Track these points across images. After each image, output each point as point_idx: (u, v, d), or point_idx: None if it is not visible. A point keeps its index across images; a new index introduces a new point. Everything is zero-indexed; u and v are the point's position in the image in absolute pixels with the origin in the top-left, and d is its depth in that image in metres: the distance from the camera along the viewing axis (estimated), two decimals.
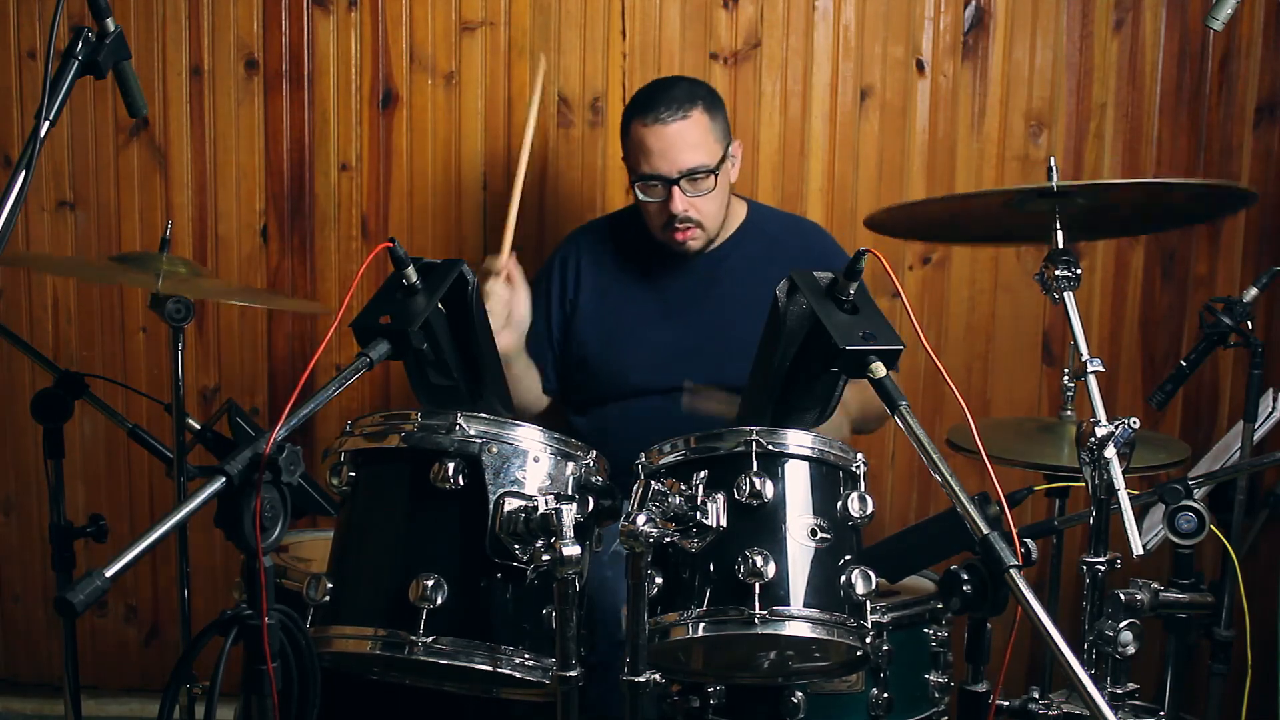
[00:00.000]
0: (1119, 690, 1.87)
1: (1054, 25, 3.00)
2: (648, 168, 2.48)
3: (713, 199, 2.51)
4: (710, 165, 2.47)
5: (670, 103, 2.47)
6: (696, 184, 2.48)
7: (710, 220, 2.53)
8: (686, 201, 2.48)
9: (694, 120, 2.47)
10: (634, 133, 2.50)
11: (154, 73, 3.06)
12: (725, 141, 2.53)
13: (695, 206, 2.49)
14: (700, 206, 2.50)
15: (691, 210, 2.49)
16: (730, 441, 1.76)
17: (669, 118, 2.46)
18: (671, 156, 2.46)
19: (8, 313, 3.13)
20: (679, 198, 2.48)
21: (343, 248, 3.11)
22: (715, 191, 2.50)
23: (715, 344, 2.58)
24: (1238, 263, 3.05)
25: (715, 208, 2.53)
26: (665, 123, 2.46)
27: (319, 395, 1.57)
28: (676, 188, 2.47)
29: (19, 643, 3.30)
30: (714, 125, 2.50)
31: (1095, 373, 1.87)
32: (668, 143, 2.46)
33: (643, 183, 2.51)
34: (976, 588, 1.49)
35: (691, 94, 2.50)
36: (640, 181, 2.51)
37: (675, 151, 2.46)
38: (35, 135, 1.46)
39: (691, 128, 2.46)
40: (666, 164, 2.46)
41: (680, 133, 2.46)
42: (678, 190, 2.47)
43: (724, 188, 2.54)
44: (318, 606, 1.73)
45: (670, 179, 2.47)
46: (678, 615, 1.71)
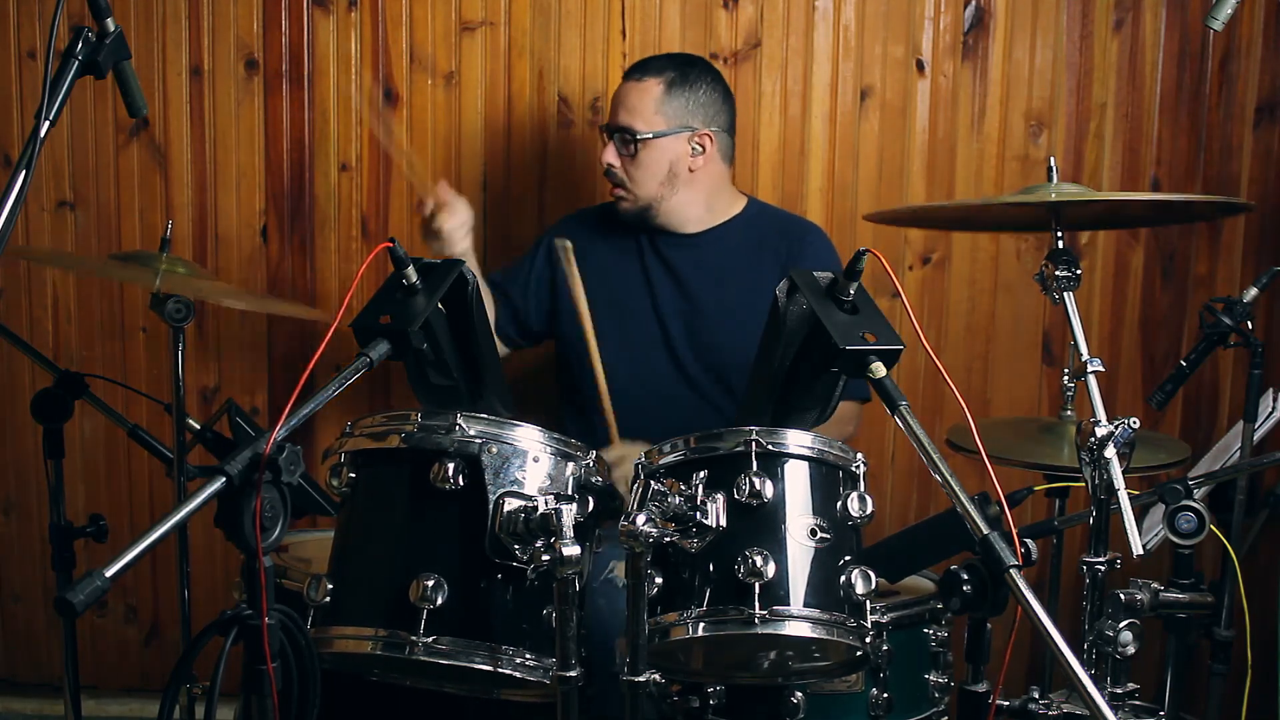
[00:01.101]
0: (1119, 690, 1.87)
1: (1054, 25, 3.00)
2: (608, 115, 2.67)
3: (640, 166, 2.58)
4: (638, 131, 2.55)
5: (643, 66, 2.62)
6: (626, 145, 2.57)
7: (637, 187, 2.60)
8: (614, 156, 2.59)
9: (644, 87, 2.57)
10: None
11: (154, 73, 3.06)
12: (681, 121, 2.57)
13: (622, 166, 2.59)
14: (628, 169, 2.59)
15: (617, 168, 2.59)
16: (730, 441, 1.75)
17: (631, 76, 2.61)
18: (614, 109, 2.61)
19: (8, 313, 3.13)
20: (609, 149, 2.60)
21: (343, 248, 3.11)
22: (641, 159, 2.57)
23: (695, 328, 2.62)
24: (1238, 263, 3.05)
25: (640, 174, 2.59)
26: (626, 79, 2.62)
27: (319, 395, 1.57)
28: (611, 140, 2.59)
29: (19, 643, 3.30)
30: (666, 100, 2.56)
31: (1095, 373, 1.87)
32: (617, 96, 2.61)
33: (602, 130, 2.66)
34: (976, 588, 1.49)
35: (665, 66, 2.60)
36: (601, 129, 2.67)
37: (618, 106, 2.60)
38: (35, 135, 1.46)
39: (638, 92, 2.57)
40: (611, 115, 2.63)
41: (628, 92, 2.59)
42: (611, 142, 2.59)
43: (656, 161, 2.58)
44: (318, 607, 1.73)
45: (607, 128, 2.61)
46: (678, 615, 1.71)
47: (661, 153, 2.57)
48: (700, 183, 2.62)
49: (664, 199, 2.61)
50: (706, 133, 2.60)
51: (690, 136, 2.58)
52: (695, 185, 2.61)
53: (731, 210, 2.69)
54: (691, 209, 2.64)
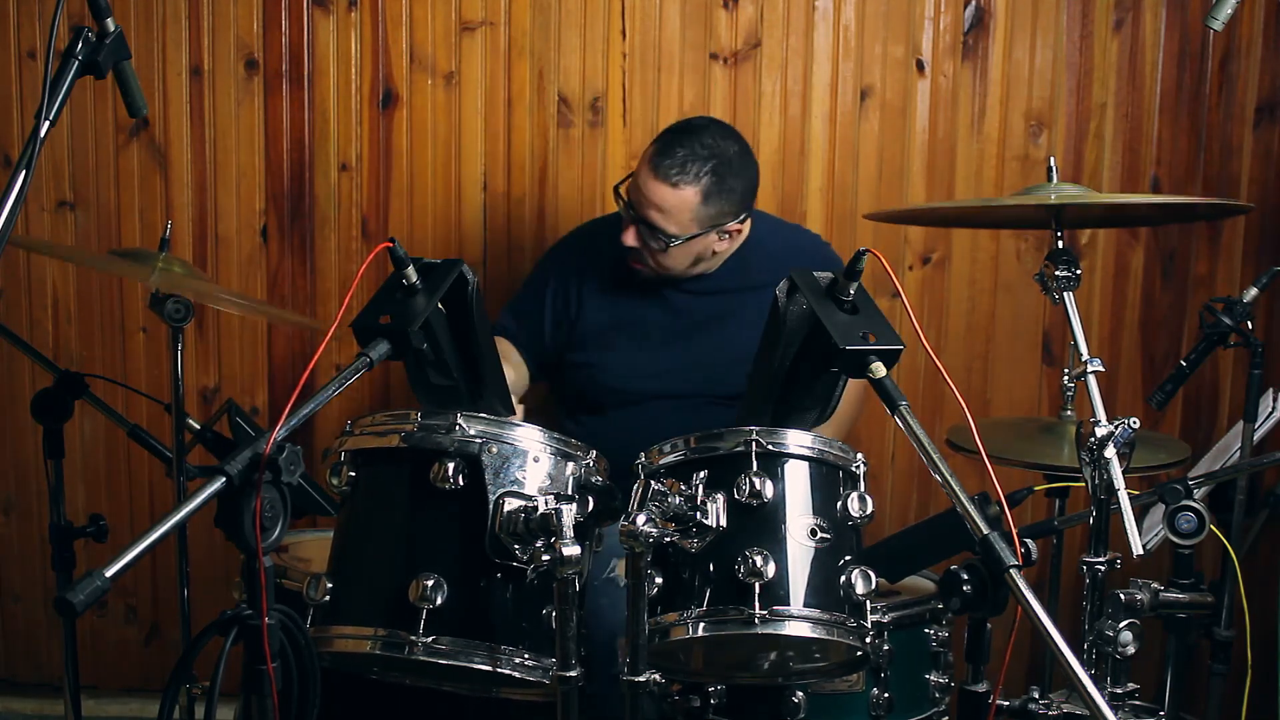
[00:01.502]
0: (1119, 690, 1.87)
1: (1054, 25, 3.00)
2: (631, 188, 2.49)
3: (668, 258, 2.49)
4: (671, 234, 2.44)
5: (677, 163, 2.42)
6: (653, 238, 2.46)
7: (661, 269, 2.52)
8: (637, 240, 2.48)
9: (681, 194, 2.42)
10: (644, 157, 2.48)
11: (154, 73, 3.06)
12: (714, 222, 2.46)
13: (647, 249, 2.49)
14: (654, 255, 2.49)
15: (635, 245, 2.49)
16: (730, 441, 1.76)
17: (663, 175, 2.42)
18: (642, 201, 2.45)
19: (8, 313, 3.13)
20: (631, 233, 2.48)
21: (343, 248, 3.11)
22: (672, 254, 2.48)
23: (713, 357, 2.58)
24: (1238, 263, 3.05)
25: (669, 263, 2.51)
26: (656, 175, 2.42)
27: (319, 395, 1.57)
28: (635, 225, 2.48)
29: (19, 643, 3.30)
30: (702, 207, 2.43)
31: (1095, 373, 1.87)
32: (646, 191, 2.44)
33: (619, 198, 2.52)
34: (976, 588, 1.49)
35: (703, 168, 2.42)
36: (618, 196, 2.53)
37: (647, 203, 2.44)
38: (35, 135, 1.46)
39: (673, 198, 2.42)
40: (638, 204, 2.46)
41: (660, 194, 2.42)
42: (634, 227, 2.48)
43: (685, 254, 2.50)
44: (318, 606, 1.73)
45: (633, 212, 2.48)
46: (678, 615, 1.71)
47: (691, 248, 2.49)
48: (722, 255, 2.57)
49: (686, 274, 2.56)
50: (738, 226, 2.52)
51: (721, 229, 2.49)
52: (718, 259, 2.58)
53: (740, 238, 2.63)
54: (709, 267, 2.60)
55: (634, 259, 2.53)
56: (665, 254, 2.48)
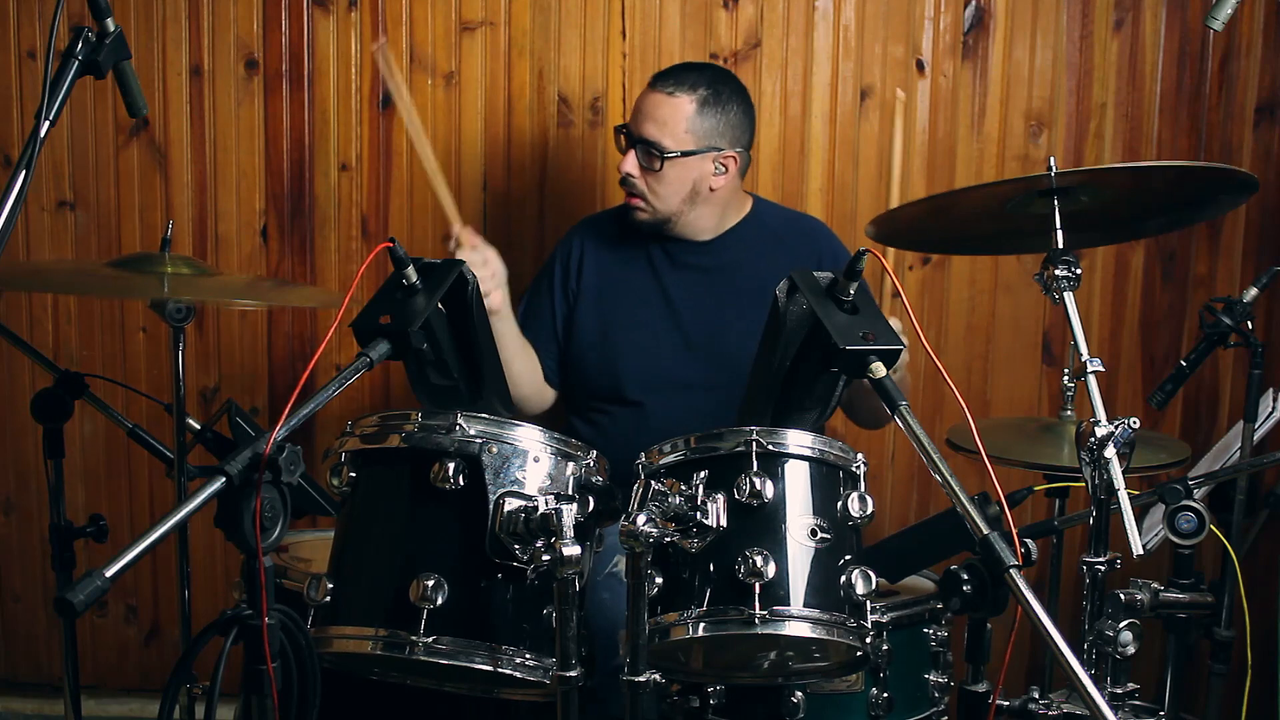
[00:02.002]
0: (1119, 690, 1.86)
1: (1054, 25, 3.00)
2: (629, 119, 2.57)
3: (661, 180, 2.51)
4: (666, 148, 2.48)
5: (673, 77, 2.52)
6: (650, 158, 2.50)
7: (656, 199, 2.54)
8: (634, 166, 2.52)
9: (676, 102, 2.48)
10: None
11: (154, 73, 3.06)
12: (709, 141, 2.50)
13: (642, 177, 2.52)
14: (649, 182, 2.52)
15: (637, 179, 2.52)
16: (730, 441, 1.76)
17: (660, 88, 2.51)
18: (639, 118, 2.51)
19: (8, 313, 3.13)
20: (630, 158, 2.52)
21: (343, 248, 3.11)
22: (666, 175, 2.50)
23: (715, 338, 2.59)
24: (1238, 263, 3.05)
25: (663, 189, 2.52)
26: (654, 89, 2.52)
27: (319, 395, 1.57)
28: (633, 150, 2.52)
29: (19, 643, 3.30)
30: (697, 118, 2.48)
31: (1095, 373, 1.87)
32: (644, 106, 2.52)
33: (619, 131, 2.57)
34: (976, 588, 1.49)
35: (697, 81, 2.50)
36: (619, 129, 2.58)
37: (643, 116, 2.51)
38: (35, 135, 1.46)
39: (668, 105, 2.48)
40: (634, 124, 2.53)
41: (656, 104, 2.50)
42: (633, 152, 2.52)
43: (680, 179, 2.52)
44: (318, 606, 1.73)
45: (632, 138, 2.52)
46: (678, 615, 1.71)
47: (687, 170, 2.51)
48: (718, 198, 2.58)
49: (682, 214, 2.56)
50: (732, 154, 2.53)
51: (716, 156, 2.51)
52: (713, 201, 2.57)
53: (741, 213, 2.67)
54: (706, 221, 2.60)
55: (630, 191, 2.55)
56: (660, 176, 2.50)
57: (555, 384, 2.71)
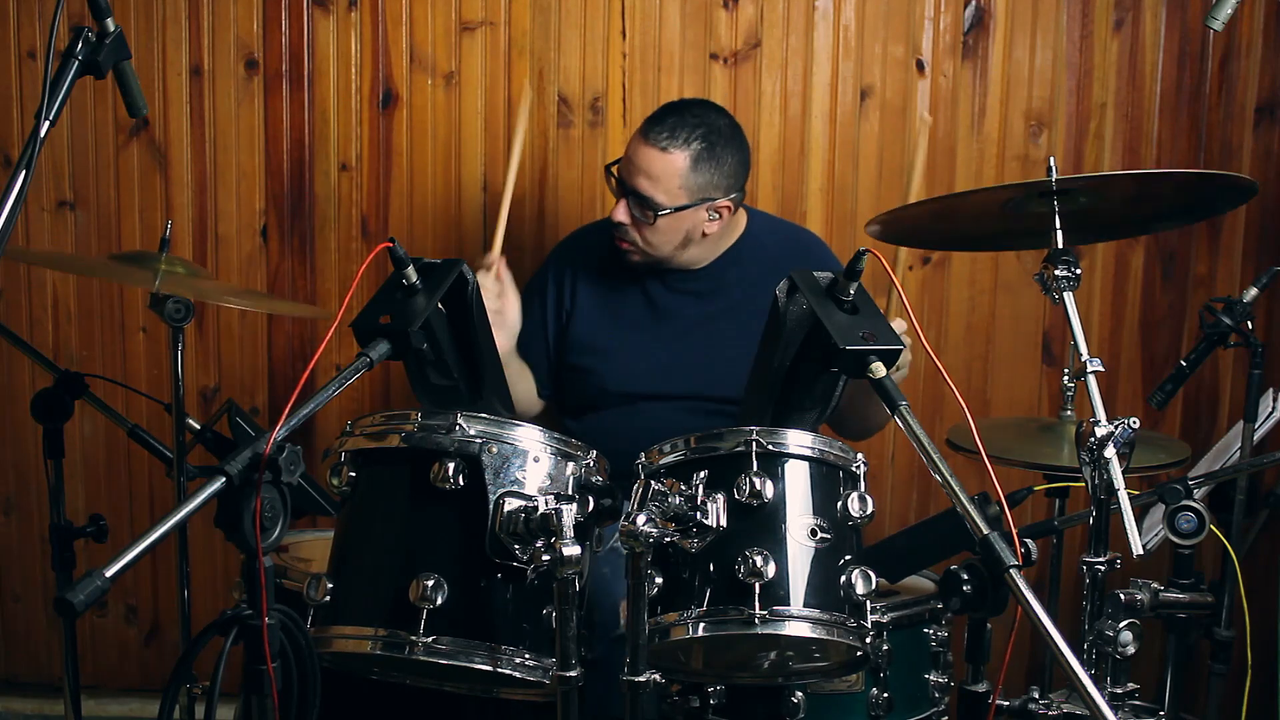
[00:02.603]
0: (1119, 690, 1.86)
1: (1054, 25, 3.00)
2: (621, 162, 2.50)
3: (656, 233, 2.47)
4: (659, 204, 2.42)
5: (667, 128, 2.43)
6: (642, 210, 2.44)
7: (648, 246, 2.49)
8: (625, 215, 2.46)
9: (670, 158, 2.41)
10: (638, 130, 2.49)
11: (154, 73, 3.06)
12: (703, 194, 2.44)
13: (635, 226, 2.47)
14: (642, 231, 2.47)
15: (630, 228, 2.47)
16: (730, 441, 1.76)
17: (652, 140, 2.42)
18: (632, 170, 2.45)
19: (8, 313, 3.13)
20: (621, 208, 2.47)
21: (343, 248, 3.11)
22: (659, 227, 2.45)
23: (709, 356, 2.57)
24: (1238, 263, 3.05)
25: (656, 239, 2.48)
26: (647, 142, 2.43)
27: (319, 395, 1.57)
28: (625, 198, 2.47)
29: (19, 643, 3.30)
30: (693, 173, 2.42)
31: (1095, 373, 1.87)
32: (636, 158, 2.44)
33: (609, 174, 2.53)
34: (976, 588, 1.49)
35: (692, 134, 2.42)
36: (608, 173, 2.54)
37: (636, 170, 2.44)
38: (35, 135, 1.46)
39: (661, 162, 2.41)
40: (626, 172, 2.47)
41: (649, 159, 2.42)
42: (624, 202, 2.47)
43: (673, 230, 2.47)
44: (318, 606, 1.73)
45: (624, 185, 2.47)
46: (678, 615, 1.71)
47: (680, 223, 2.47)
48: (712, 239, 2.55)
49: (675, 257, 2.54)
50: (727, 202, 2.48)
51: (710, 206, 2.47)
52: (707, 242, 2.55)
53: (735, 234, 2.62)
54: (701, 256, 2.58)
55: (621, 237, 2.50)
56: (653, 228, 2.45)
57: (546, 397, 2.72)
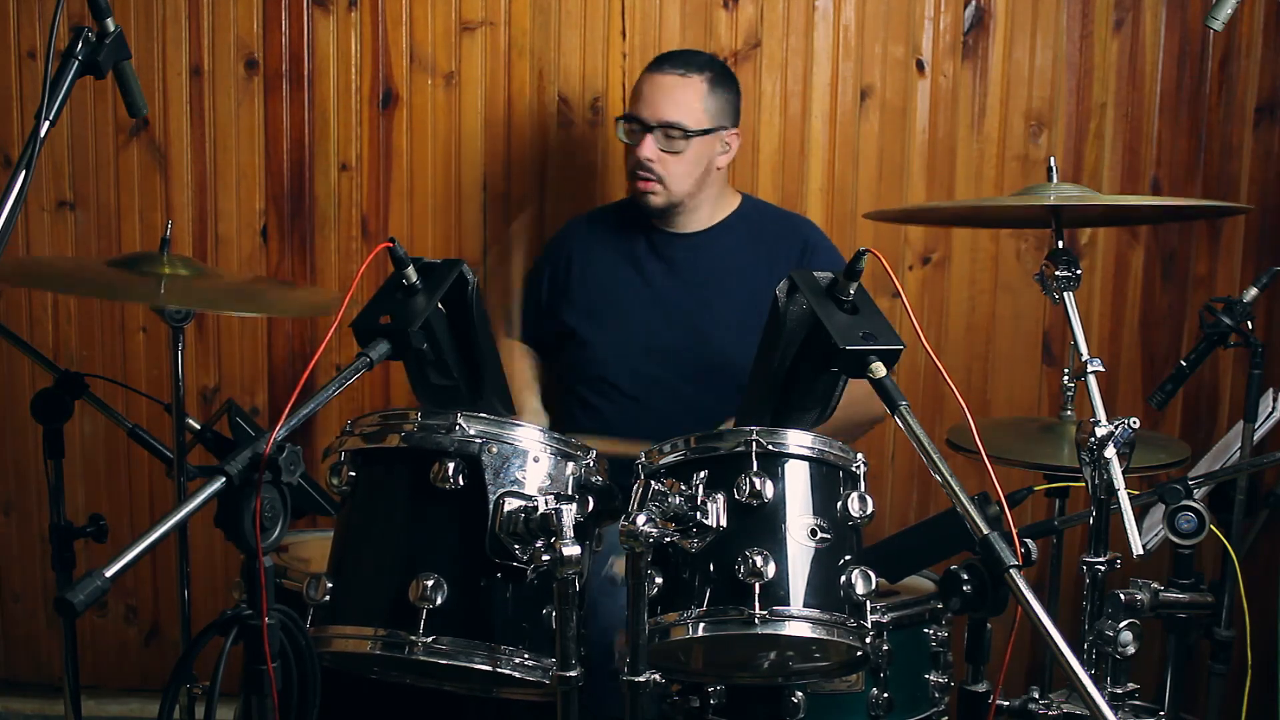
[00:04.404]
0: (1119, 690, 1.87)
1: (1054, 25, 3.00)
2: (633, 109, 2.59)
3: (682, 161, 2.55)
4: (688, 126, 2.53)
5: (679, 60, 2.58)
6: (670, 140, 2.53)
7: (673, 181, 2.57)
8: (654, 151, 2.54)
9: (691, 82, 2.55)
10: (640, 78, 2.61)
11: (154, 73, 3.06)
12: (719, 120, 2.57)
13: (662, 160, 2.55)
14: (668, 163, 2.55)
15: (657, 162, 2.55)
16: (730, 441, 1.75)
17: (670, 70, 2.56)
18: (655, 104, 2.55)
19: (8, 313, 3.13)
20: (649, 144, 2.54)
21: (343, 248, 3.11)
22: (686, 156, 2.55)
23: (694, 325, 2.62)
24: (1238, 263, 3.05)
25: (682, 170, 2.56)
26: (664, 73, 2.57)
27: (319, 395, 1.57)
28: (650, 135, 2.54)
29: (19, 643, 3.30)
30: (710, 96, 2.56)
31: (1095, 373, 1.87)
32: (657, 91, 2.55)
33: (625, 123, 2.60)
34: (976, 588, 1.49)
35: (703, 63, 2.59)
36: (623, 120, 2.61)
37: (660, 100, 2.54)
38: (35, 135, 1.46)
39: (685, 86, 2.54)
40: (649, 109, 2.55)
41: (672, 85, 2.55)
42: (650, 137, 2.54)
43: (698, 158, 2.57)
44: (318, 606, 1.73)
45: (648, 124, 2.54)
46: (678, 615, 1.71)
47: (704, 149, 2.57)
48: (717, 181, 2.65)
49: (693, 196, 2.61)
50: (735, 132, 2.63)
51: (723, 135, 2.60)
52: (714, 183, 2.64)
53: (729, 207, 2.71)
54: (704, 207, 2.66)
55: (647, 176, 2.56)
56: (681, 157, 2.54)
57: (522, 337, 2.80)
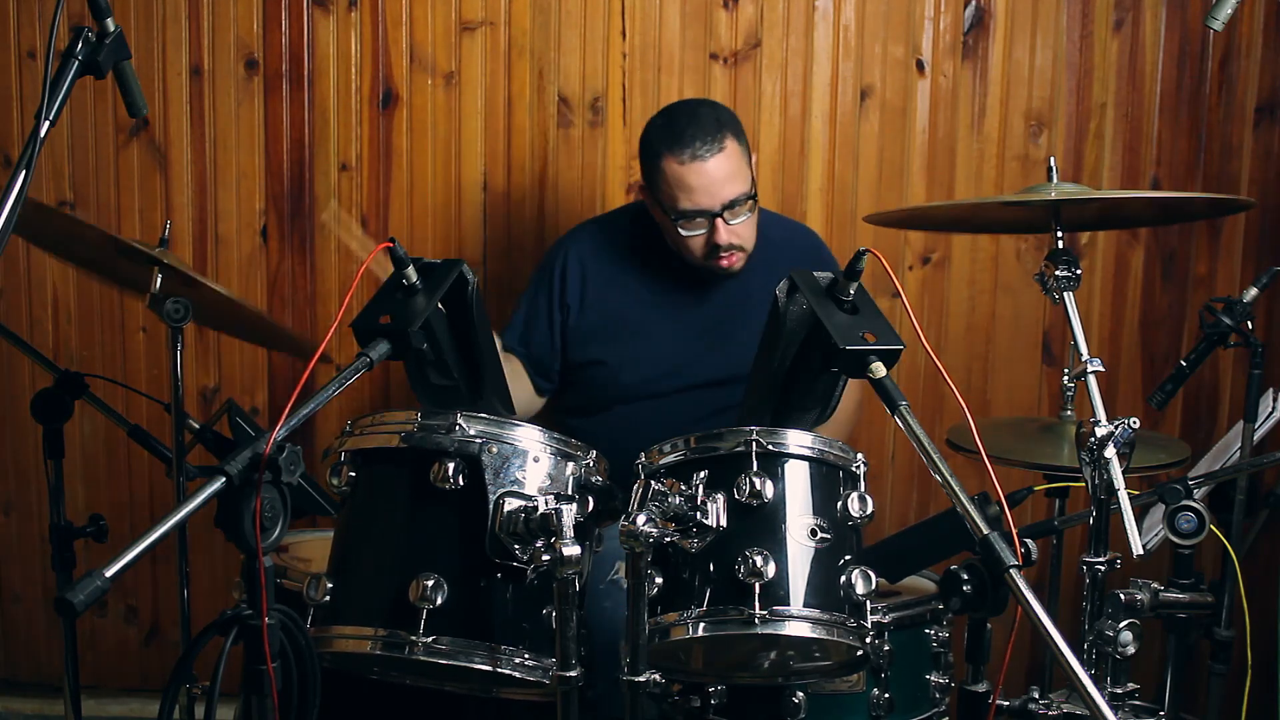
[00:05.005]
0: (1119, 690, 1.87)
1: (1054, 25, 3.00)
2: (690, 204, 2.44)
3: (752, 220, 2.49)
4: (749, 191, 2.46)
5: (704, 137, 2.43)
6: (737, 212, 2.45)
7: (750, 241, 2.51)
8: (730, 231, 2.45)
9: (729, 151, 2.43)
10: (668, 170, 2.44)
11: (154, 73, 3.06)
12: (753, 172, 2.50)
13: (737, 233, 2.47)
14: (741, 231, 2.48)
15: (735, 238, 2.47)
16: (730, 441, 1.76)
17: (706, 153, 2.42)
18: (714, 191, 2.43)
19: (8, 313, 3.13)
20: (723, 229, 2.45)
21: (343, 248, 3.11)
22: (753, 220, 2.49)
23: (714, 345, 2.59)
24: (1238, 263, 3.05)
25: (750, 234, 2.51)
26: (704, 159, 2.42)
27: (319, 395, 1.57)
28: (720, 219, 2.45)
29: (19, 643, 3.30)
30: (743, 149, 2.48)
31: (1095, 373, 1.87)
32: (709, 179, 2.42)
33: (685, 219, 2.46)
34: (976, 588, 1.49)
35: (719, 123, 2.46)
36: (682, 219, 2.46)
37: (718, 187, 2.42)
38: (35, 135, 1.46)
39: (728, 159, 2.43)
40: (709, 199, 2.43)
41: (720, 167, 2.42)
42: (721, 222, 2.45)
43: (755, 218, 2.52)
44: (318, 606, 1.73)
45: (714, 212, 2.44)
46: (678, 615, 1.71)
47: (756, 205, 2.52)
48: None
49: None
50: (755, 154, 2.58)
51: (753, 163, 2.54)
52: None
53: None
54: None
55: (728, 255, 2.48)
56: (749, 221, 2.47)
57: (547, 392, 2.72)
